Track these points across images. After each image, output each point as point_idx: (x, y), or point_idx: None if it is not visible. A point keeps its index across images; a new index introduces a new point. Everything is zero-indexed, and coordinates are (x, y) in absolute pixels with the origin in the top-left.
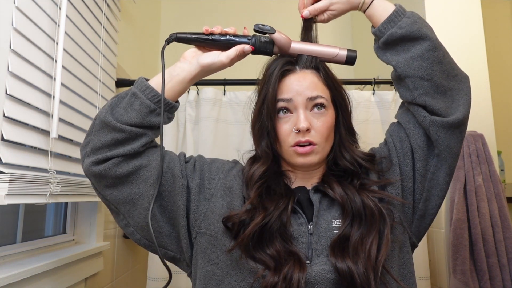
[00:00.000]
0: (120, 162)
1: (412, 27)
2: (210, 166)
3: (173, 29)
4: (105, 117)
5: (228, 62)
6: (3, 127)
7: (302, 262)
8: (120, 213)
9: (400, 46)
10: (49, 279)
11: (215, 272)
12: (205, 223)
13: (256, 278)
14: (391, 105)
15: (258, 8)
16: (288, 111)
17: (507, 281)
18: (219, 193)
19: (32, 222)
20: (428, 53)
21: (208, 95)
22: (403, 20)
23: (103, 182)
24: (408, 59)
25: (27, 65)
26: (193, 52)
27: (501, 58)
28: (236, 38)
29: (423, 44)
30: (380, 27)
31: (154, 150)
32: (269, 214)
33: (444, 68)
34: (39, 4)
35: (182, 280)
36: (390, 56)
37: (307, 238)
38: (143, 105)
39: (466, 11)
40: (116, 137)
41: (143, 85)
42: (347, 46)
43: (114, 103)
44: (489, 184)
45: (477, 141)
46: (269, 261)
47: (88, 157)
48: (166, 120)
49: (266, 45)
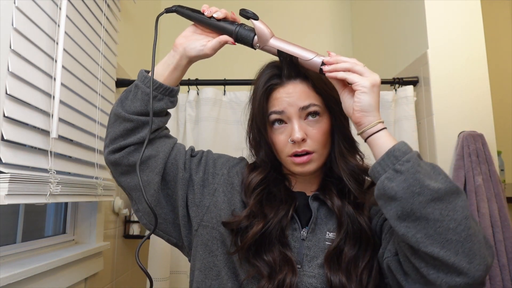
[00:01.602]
0: (132, 151)
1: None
2: (215, 161)
3: (173, 29)
4: (116, 110)
5: (212, 53)
6: (3, 127)
7: (294, 267)
8: (133, 199)
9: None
10: (49, 279)
11: (215, 263)
12: (208, 216)
13: (247, 276)
14: (391, 105)
15: (260, 10)
16: (282, 121)
17: (507, 281)
18: (221, 188)
19: (32, 222)
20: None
21: (208, 95)
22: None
23: (119, 169)
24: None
25: (27, 65)
26: (182, 38)
27: (501, 58)
28: (225, 25)
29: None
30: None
31: (164, 141)
32: (269, 221)
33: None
34: (39, 4)
35: (182, 280)
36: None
37: (299, 243)
38: (144, 93)
39: (466, 11)
40: (126, 126)
41: (142, 75)
42: (347, 46)
43: (123, 96)
44: (489, 184)
45: (477, 141)
46: (264, 269)
47: (107, 147)
48: (169, 104)
49: (247, 32)
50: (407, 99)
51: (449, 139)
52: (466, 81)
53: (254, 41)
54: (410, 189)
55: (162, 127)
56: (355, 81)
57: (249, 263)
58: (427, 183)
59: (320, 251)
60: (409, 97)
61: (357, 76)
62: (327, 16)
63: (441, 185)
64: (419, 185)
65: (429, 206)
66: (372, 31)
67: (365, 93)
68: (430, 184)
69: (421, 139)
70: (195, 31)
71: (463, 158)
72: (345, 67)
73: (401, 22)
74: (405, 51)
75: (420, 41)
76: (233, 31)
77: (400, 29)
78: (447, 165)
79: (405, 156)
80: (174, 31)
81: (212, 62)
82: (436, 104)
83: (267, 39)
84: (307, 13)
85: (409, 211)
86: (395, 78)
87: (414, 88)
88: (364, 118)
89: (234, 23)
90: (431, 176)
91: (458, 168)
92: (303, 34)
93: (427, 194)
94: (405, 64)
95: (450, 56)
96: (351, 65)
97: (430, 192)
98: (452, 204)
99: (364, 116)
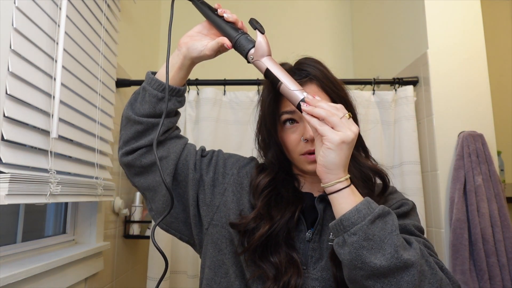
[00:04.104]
0: (144, 153)
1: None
2: (225, 161)
3: (173, 29)
4: (127, 113)
5: (213, 54)
6: (3, 127)
7: (300, 269)
8: (147, 199)
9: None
10: (49, 279)
11: (224, 261)
12: (218, 215)
13: (251, 277)
14: (391, 105)
15: (260, 9)
16: (294, 121)
17: (506, 281)
18: (231, 188)
19: (32, 222)
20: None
21: (208, 95)
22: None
23: (132, 170)
24: None
25: (27, 65)
26: (187, 38)
27: (501, 58)
28: (231, 28)
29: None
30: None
31: (176, 142)
32: (275, 223)
33: None
34: (39, 4)
35: (182, 280)
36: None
37: (304, 244)
38: (151, 95)
39: (466, 11)
40: (137, 129)
41: (149, 78)
42: (347, 46)
43: (133, 99)
44: (489, 184)
45: (477, 141)
46: (269, 271)
47: (121, 149)
48: (177, 104)
49: (246, 42)
50: (407, 99)
51: (449, 139)
52: (466, 81)
53: (249, 53)
54: (352, 262)
55: (173, 128)
56: (324, 135)
57: (255, 264)
58: (368, 260)
59: (325, 252)
60: (409, 97)
61: (328, 130)
62: (327, 16)
63: (384, 262)
64: (361, 261)
65: (371, 279)
66: (372, 31)
67: (330, 149)
68: (372, 261)
69: (421, 139)
70: (201, 31)
71: (463, 158)
72: (319, 115)
73: (401, 22)
74: (405, 51)
75: (420, 41)
76: (234, 36)
77: (400, 29)
78: (447, 165)
79: (352, 227)
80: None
81: (212, 62)
82: (436, 104)
83: (263, 55)
84: (307, 13)
85: (354, 278)
86: (395, 78)
87: (414, 88)
88: (324, 174)
89: (239, 30)
90: (379, 249)
91: (458, 168)
92: (303, 34)
93: (368, 270)
94: (405, 64)
95: (450, 56)
96: (327, 115)
97: (371, 269)
98: (396, 279)
99: (325, 173)
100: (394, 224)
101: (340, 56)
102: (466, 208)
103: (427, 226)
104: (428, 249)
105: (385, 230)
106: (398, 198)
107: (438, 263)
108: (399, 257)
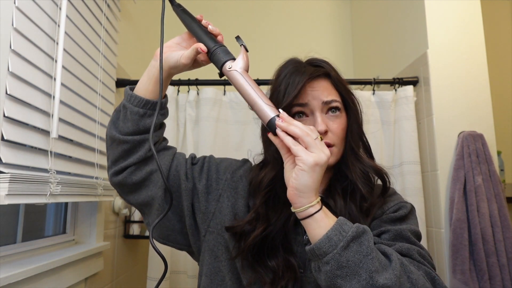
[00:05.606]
0: (134, 171)
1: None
2: (218, 166)
3: (173, 29)
4: (111, 133)
5: (189, 62)
6: (3, 127)
7: (297, 274)
8: (144, 213)
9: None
10: (49, 279)
11: (220, 269)
12: (214, 222)
13: (249, 282)
14: (391, 105)
15: (260, 10)
16: (304, 114)
17: (506, 281)
18: (225, 193)
19: (32, 222)
20: None
21: (208, 95)
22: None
23: (125, 189)
24: None
25: (27, 65)
26: (165, 48)
27: (501, 58)
28: (211, 39)
29: None
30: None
31: (164, 154)
32: (271, 225)
33: None
34: (39, 4)
35: (182, 280)
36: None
37: (302, 248)
38: (132, 113)
39: (466, 11)
40: (124, 148)
41: (128, 94)
42: (347, 46)
43: (115, 117)
44: (489, 184)
45: (477, 141)
46: (266, 275)
47: (110, 169)
48: (160, 117)
49: (223, 54)
50: (407, 99)
51: (449, 139)
52: (466, 81)
53: (224, 65)
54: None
55: (159, 140)
56: (297, 155)
57: (251, 269)
58: (344, 287)
59: None
60: (409, 97)
61: (302, 150)
62: (327, 16)
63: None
64: None
65: None
66: (372, 31)
67: (304, 171)
68: None
69: (421, 139)
70: (179, 43)
71: (463, 158)
72: (294, 132)
73: (401, 22)
74: (405, 51)
75: (420, 41)
76: (212, 46)
77: (400, 29)
78: (447, 165)
79: (325, 257)
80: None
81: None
82: (436, 104)
83: (241, 66)
84: (307, 13)
85: None
86: (395, 78)
87: (414, 88)
88: (296, 198)
89: (218, 42)
90: (354, 274)
91: (458, 168)
92: (303, 34)
93: None
94: (405, 64)
95: (450, 56)
96: (302, 134)
97: None
98: None
99: (297, 196)
100: (369, 245)
101: (340, 56)
102: (466, 208)
103: (427, 226)
104: (422, 258)
105: (361, 253)
106: (396, 201)
107: (430, 273)
108: (374, 284)
